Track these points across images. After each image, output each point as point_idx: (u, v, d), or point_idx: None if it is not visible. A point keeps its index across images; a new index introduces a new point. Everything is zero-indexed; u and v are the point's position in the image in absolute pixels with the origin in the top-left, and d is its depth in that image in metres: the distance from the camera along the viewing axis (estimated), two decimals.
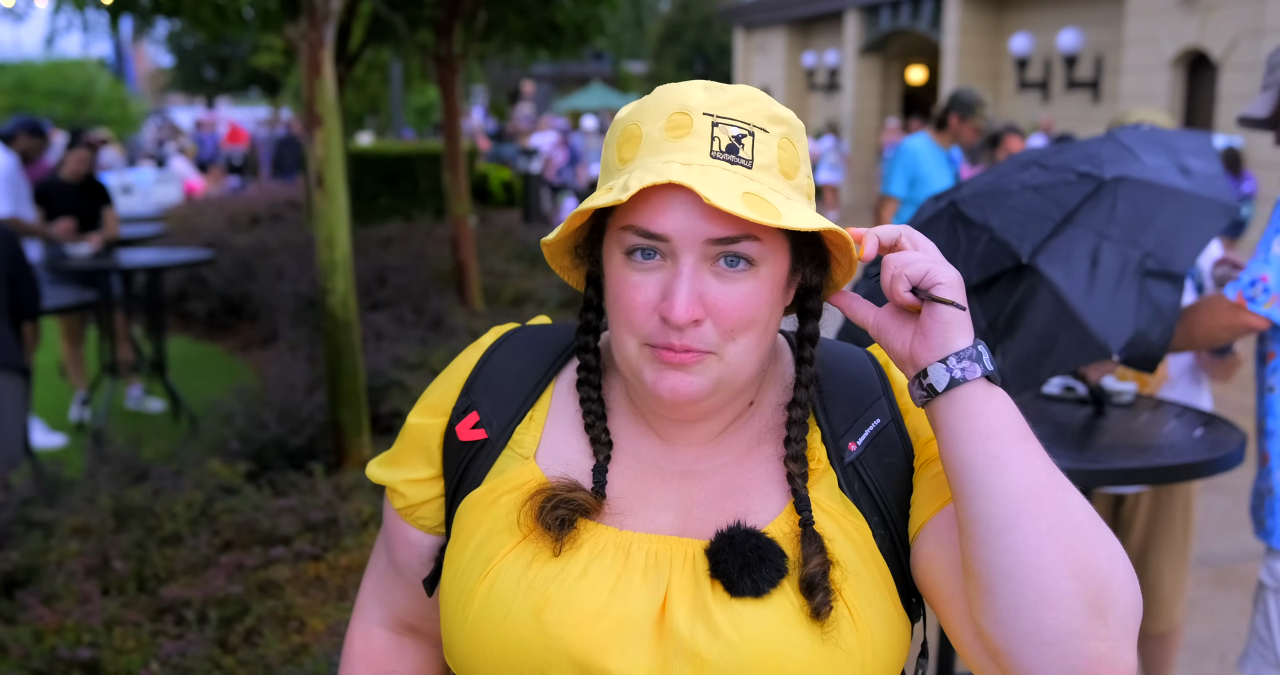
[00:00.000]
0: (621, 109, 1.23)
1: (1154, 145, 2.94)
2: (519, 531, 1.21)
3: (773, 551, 1.15)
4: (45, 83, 27.84)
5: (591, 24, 10.17)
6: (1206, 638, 4.62)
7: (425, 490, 1.34)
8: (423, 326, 7.60)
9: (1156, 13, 16.28)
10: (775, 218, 1.08)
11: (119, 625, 3.15)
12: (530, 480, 1.24)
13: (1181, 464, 2.81)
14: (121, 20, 8.94)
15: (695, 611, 1.14)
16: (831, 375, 1.29)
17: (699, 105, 1.15)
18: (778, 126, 1.17)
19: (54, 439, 7.13)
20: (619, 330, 1.18)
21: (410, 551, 1.38)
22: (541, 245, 1.23)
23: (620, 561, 1.19)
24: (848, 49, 25.86)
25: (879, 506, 1.21)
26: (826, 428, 1.24)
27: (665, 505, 1.23)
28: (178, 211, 14.80)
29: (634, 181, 1.10)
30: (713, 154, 1.12)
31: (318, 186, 4.92)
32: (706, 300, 1.13)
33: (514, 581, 1.18)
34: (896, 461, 1.24)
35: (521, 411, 1.30)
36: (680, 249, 1.13)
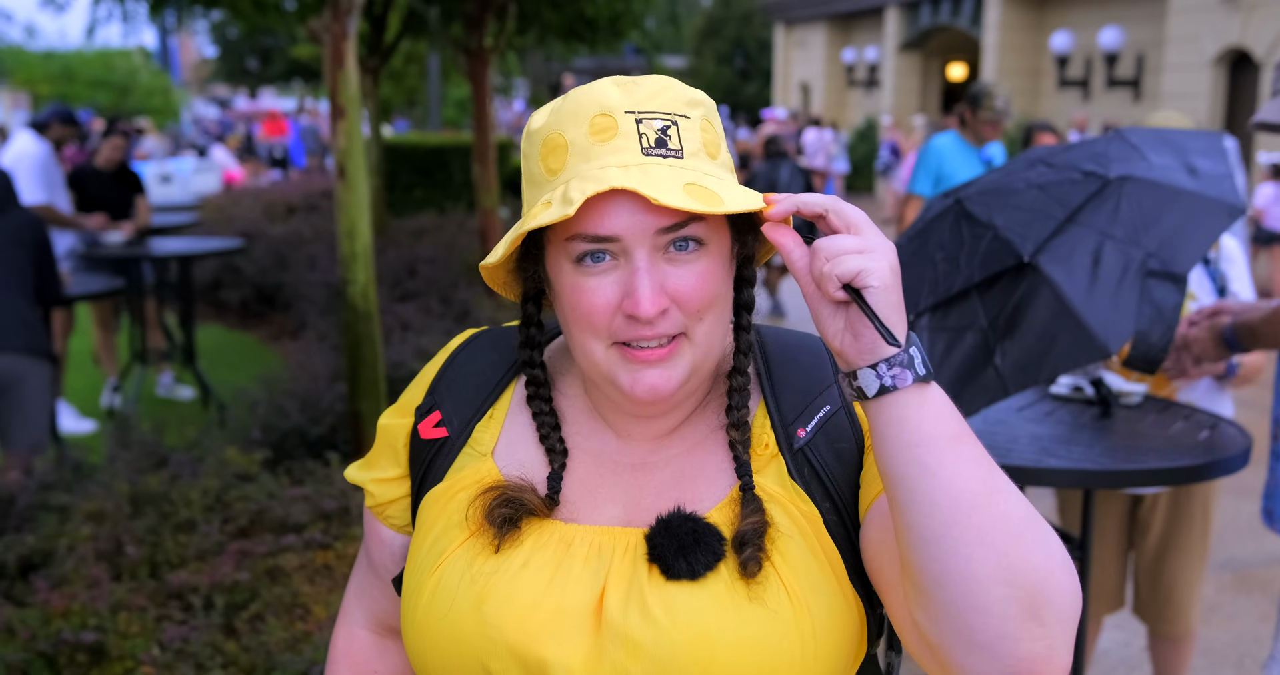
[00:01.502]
0: (533, 118, 1.22)
1: (1162, 145, 2.92)
2: (468, 526, 1.23)
3: (710, 535, 1.16)
4: (89, 72, 28.12)
5: (625, 18, 10.17)
6: (1225, 642, 4.58)
7: (393, 489, 1.37)
8: (449, 318, 7.63)
9: (1198, 11, 16.10)
10: (719, 205, 1.09)
11: (125, 610, 3.19)
12: (486, 477, 1.26)
13: (1185, 466, 2.79)
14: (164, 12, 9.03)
15: (630, 597, 1.15)
16: (784, 363, 1.29)
17: (618, 104, 1.15)
18: (695, 110, 1.19)
19: (84, 425, 7.21)
20: (582, 337, 1.19)
21: (383, 550, 1.41)
22: (480, 270, 1.23)
23: (561, 553, 1.20)
24: (888, 45, 25.73)
25: (830, 492, 1.22)
26: (776, 414, 1.25)
27: (613, 498, 1.25)
28: (214, 201, 14.91)
29: (574, 192, 1.10)
30: (644, 151, 1.13)
31: (339, 178, 4.95)
32: (667, 288, 1.14)
33: (458, 575, 1.21)
34: (848, 447, 1.24)
35: (482, 410, 1.32)
36: (632, 246, 1.13)
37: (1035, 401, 3.33)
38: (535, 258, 1.24)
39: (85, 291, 6.50)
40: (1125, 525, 3.64)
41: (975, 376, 2.64)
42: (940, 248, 2.89)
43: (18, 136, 7.81)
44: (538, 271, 1.25)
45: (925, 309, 2.79)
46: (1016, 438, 2.96)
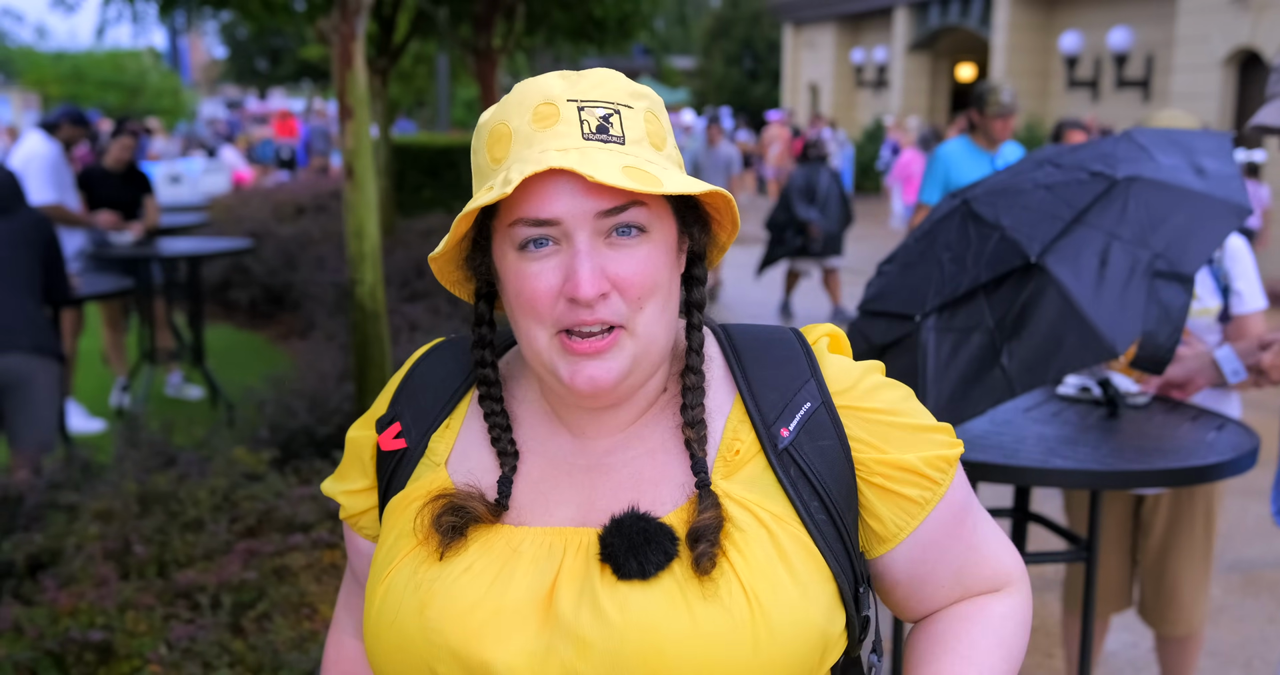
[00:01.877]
0: (483, 114, 1.24)
1: (1170, 145, 2.91)
2: (416, 534, 1.24)
3: (661, 534, 1.15)
4: (99, 73, 28.23)
5: (634, 19, 10.19)
6: (1233, 644, 4.57)
7: (363, 500, 1.38)
8: (457, 318, 7.65)
9: (1208, 11, 16.06)
10: (657, 186, 1.11)
11: (132, 608, 3.20)
12: (438, 486, 1.27)
13: (1193, 467, 2.79)
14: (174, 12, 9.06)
15: (581, 595, 1.15)
16: (758, 360, 1.29)
17: (561, 93, 1.18)
18: (640, 102, 1.20)
19: (93, 424, 7.23)
20: (526, 325, 1.19)
21: (360, 559, 1.43)
22: (429, 262, 1.24)
23: (506, 555, 1.21)
24: (897, 46, 25.71)
25: (817, 490, 1.22)
26: (757, 415, 1.24)
27: (566, 500, 1.25)
28: (223, 201, 14.95)
29: (514, 174, 1.12)
30: (585, 136, 1.15)
31: (347, 178, 4.96)
32: (608, 272, 1.15)
33: (404, 582, 1.22)
34: (831, 444, 1.24)
35: (438, 420, 1.33)
36: (573, 229, 1.15)
37: (1042, 402, 3.33)
38: (484, 250, 1.24)
39: (94, 291, 6.52)
40: (1130, 525, 3.64)
41: (982, 377, 2.64)
42: (947, 248, 2.89)
43: (28, 137, 7.84)
44: (486, 264, 1.25)
45: (932, 309, 2.79)
46: (1023, 438, 2.96)
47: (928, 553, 1.29)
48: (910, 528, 1.27)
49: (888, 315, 2.91)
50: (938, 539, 1.29)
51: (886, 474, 1.25)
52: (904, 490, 1.25)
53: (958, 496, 1.29)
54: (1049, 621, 4.64)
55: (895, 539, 1.27)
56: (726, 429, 1.25)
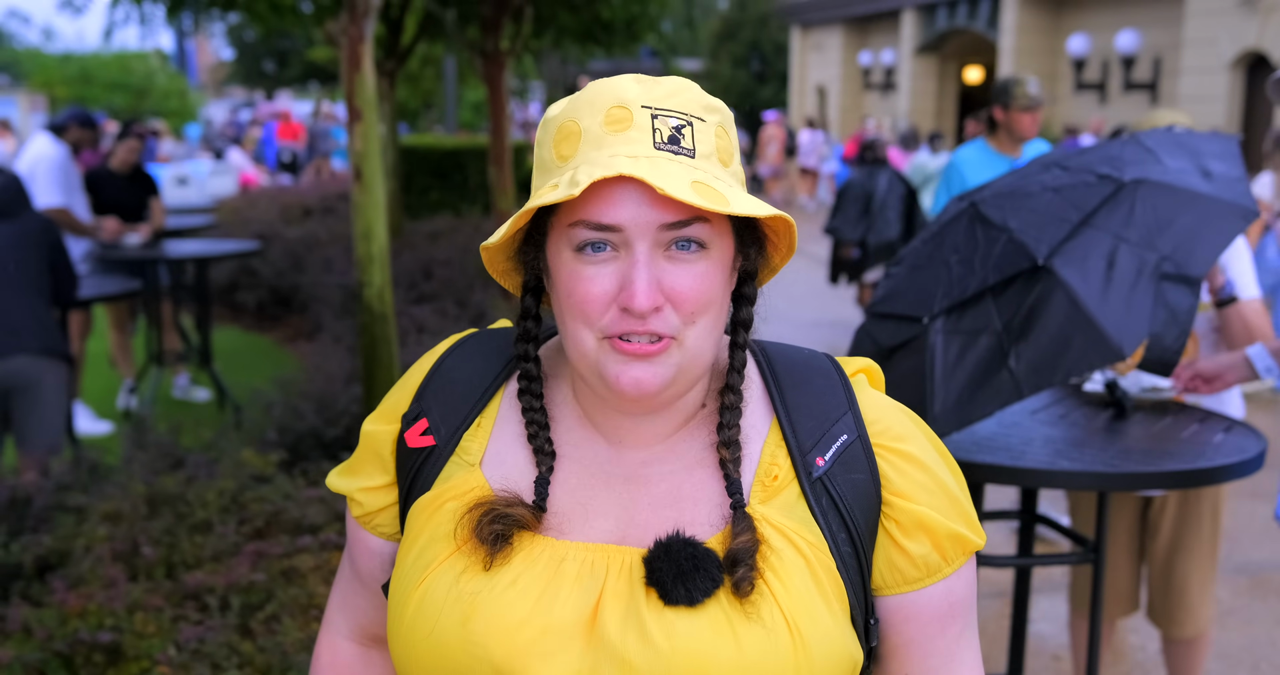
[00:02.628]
0: (551, 107, 1.23)
1: (1177, 148, 2.91)
2: (455, 540, 1.22)
3: (709, 561, 1.15)
4: (106, 74, 28.30)
5: (642, 21, 10.19)
6: (1240, 646, 4.57)
7: (381, 497, 1.35)
8: (465, 320, 7.65)
9: (1216, 14, 16.06)
10: (724, 205, 1.09)
11: (141, 610, 3.21)
12: (474, 488, 1.24)
13: (1201, 469, 2.79)
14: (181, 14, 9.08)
15: (627, 618, 1.14)
16: (796, 385, 1.28)
17: (636, 98, 1.16)
18: (712, 115, 1.19)
19: (100, 426, 7.24)
20: (574, 326, 1.18)
21: (371, 559, 1.39)
22: (481, 251, 1.22)
23: (551, 571, 1.19)
24: (904, 48, 25.71)
25: (846, 523, 1.21)
26: (793, 441, 1.23)
27: (606, 511, 1.23)
28: (230, 203, 14.96)
29: (582, 176, 1.10)
30: (656, 145, 1.13)
31: (355, 180, 4.97)
32: (664, 285, 1.14)
33: (444, 591, 1.19)
34: (863, 478, 1.23)
35: (470, 418, 1.30)
36: (633, 238, 1.13)
37: (1050, 404, 3.33)
38: (537, 244, 1.23)
39: (101, 293, 6.53)
40: (1138, 529, 3.64)
41: (990, 379, 2.64)
42: (955, 250, 2.90)
43: (36, 139, 7.85)
44: (538, 258, 1.24)
45: (940, 311, 2.79)
46: (1030, 440, 2.96)
47: (904, 628, 1.27)
48: (898, 588, 1.25)
49: (895, 317, 2.91)
50: (919, 620, 1.26)
51: (901, 522, 1.23)
52: (910, 546, 1.23)
53: (960, 590, 1.27)
54: (1057, 624, 4.64)
55: (878, 591, 1.26)
56: (764, 453, 1.24)
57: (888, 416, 1.27)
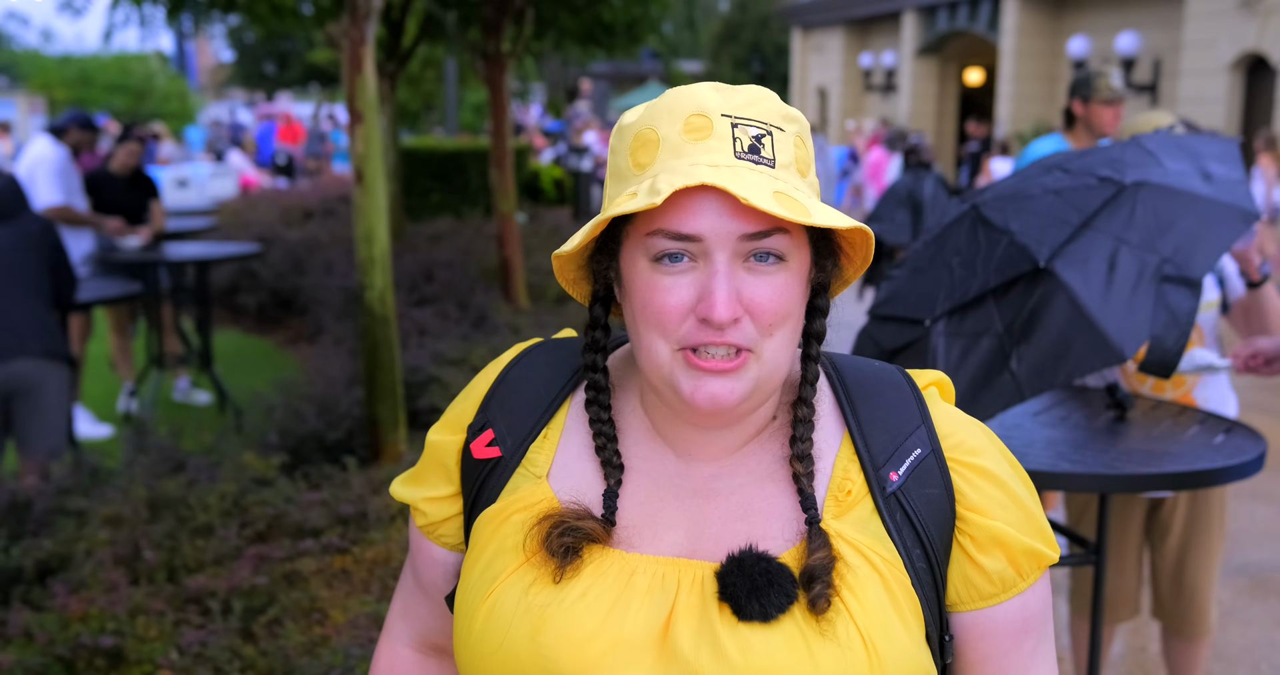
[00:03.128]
0: (626, 114, 1.21)
1: (1178, 150, 2.92)
2: (524, 552, 1.21)
3: (783, 577, 1.13)
4: (106, 76, 28.31)
5: (643, 23, 10.19)
6: (1240, 647, 4.57)
7: (445, 507, 1.34)
8: (466, 323, 7.65)
9: (1215, 16, 16.06)
10: (806, 216, 1.08)
11: (143, 614, 3.21)
12: (542, 500, 1.23)
13: (1202, 470, 2.79)
14: (181, 16, 9.08)
15: (701, 633, 1.13)
16: (867, 398, 1.26)
17: (716, 107, 1.14)
18: (791, 125, 1.17)
19: (101, 429, 7.25)
20: (649, 338, 1.16)
21: (435, 569, 1.38)
22: (553, 258, 1.20)
23: (621, 584, 1.18)
24: (905, 50, 25.71)
25: (921, 538, 1.20)
26: (866, 456, 1.22)
27: (676, 524, 1.22)
28: (231, 205, 14.97)
29: (663, 184, 1.09)
30: (737, 155, 1.12)
31: (357, 182, 4.97)
32: (743, 297, 1.12)
33: (515, 603, 1.18)
34: (938, 493, 1.21)
35: (536, 429, 1.28)
36: (713, 248, 1.12)
37: (1051, 406, 3.33)
38: (611, 253, 1.21)
39: (102, 296, 6.53)
40: (1141, 536, 3.64)
41: (991, 381, 2.65)
42: (956, 253, 2.90)
43: (35, 141, 7.87)
44: (611, 267, 1.22)
45: (941, 314, 2.79)
46: (1032, 442, 2.96)
47: (980, 644, 1.26)
48: (973, 604, 1.24)
49: (898, 319, 2.92)
50: (994, 636, 1.25)
51: (976, 538, 1.22)
52: (985, 562, 1.22)
53: (1035, 605, 1.26)
54: (1056, 626, 4.64)
55: (953, 607, 1.24)
56: (836, 468, 1.22)
57: (961, 430, 1.26)
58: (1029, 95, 21.70)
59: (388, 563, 3.65)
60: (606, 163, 1.23)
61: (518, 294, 8.62)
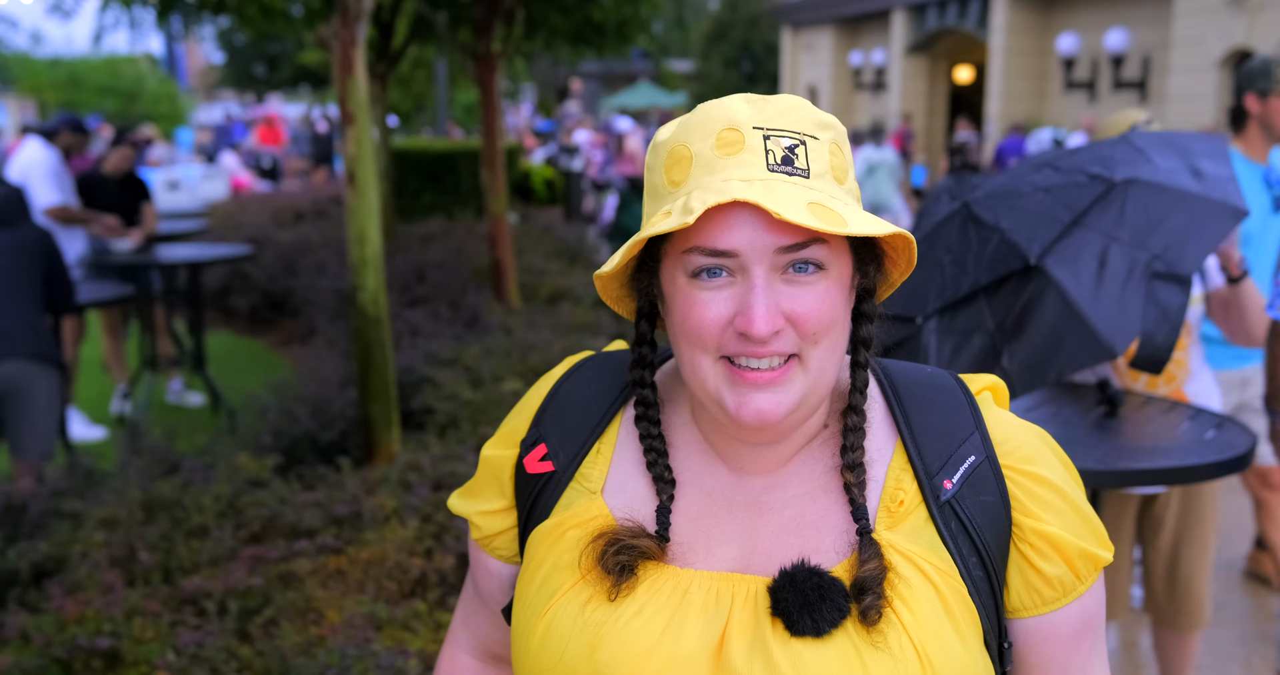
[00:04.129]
0: (660, 131, 1.21)
1: (1167, 147, 2.93)
2: (579, 569, 1.21)
3: (835, 591, 1.13)
4: (96, 79, 28.22)
5: (633, 23, 10.19)
6: (1231, 641, 4.59)
7: (499, 521, 1.34)
8: (459, 323, 7.66)
9: (1204, 13, 16.10)
10: (842, 225, 1.07)
11: (139, 615, 3.21)
12: (596, 516, 1.24)
13: (1193, 465, 2.80)
14: (171, 18, 9.08)
15: (754, 649, 1.13)
16: (920, 405, 1.25)
17: (747, 120, 1.14)
18: (826, 132, 1.16)
19: (94, 432, 7.24)
20: (691, 352, 1.16)
21: (491, 581, 1.39)
22: (595, 279, 1.21)
23: (676, 600, 1.18)
24: (895, 48, 25.74)
25: (977, 547, 1.19)
26: (919, 464, 1.21)
27: (729, 539, 1.22)
28: (222, 207, 14.95)
29: (695, 202, 1.09)
30: (770, 167, 1.12)
31: (349, 183, 4.97)
32: (784, 308, 1.12)
33: (571, 620, 1.19)
34: (993, 501, 1.20)
35: (588, 444, 1.29)
36: (750, 262, 1.11)
37: (1042, 403, 3.35)
38: (651, 271, 1.21)
39: (94, 299, 6.53)
40: (1133, 535, 3.66)
41: None
42: (947, 250, 2.91)
43: (27, 144, 7.86)
44: (652, 285, 1.22)
45: (933, 312, 2.80)
46: None
47: (1042, 649, 1.25)
48: (1035, 610, 1.23)
49: (889, 317, 2.92)
50: (1056, 640, 1.25)
51: (1034, 544, 1.21)
52: (1045, 567, 1.21)
53: (1092, 606, 1.25)
54: None
55: (1014, 614, 1.23)
56: (889, 477, 1.21)
57: (1016, 436, 1.24)
58: (1019, 93, 21.74)
59: (382, 563, 3.66)
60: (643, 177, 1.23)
61: (510, 294, 8.62)
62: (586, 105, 39.47)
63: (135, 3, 8.56)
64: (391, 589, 3.56)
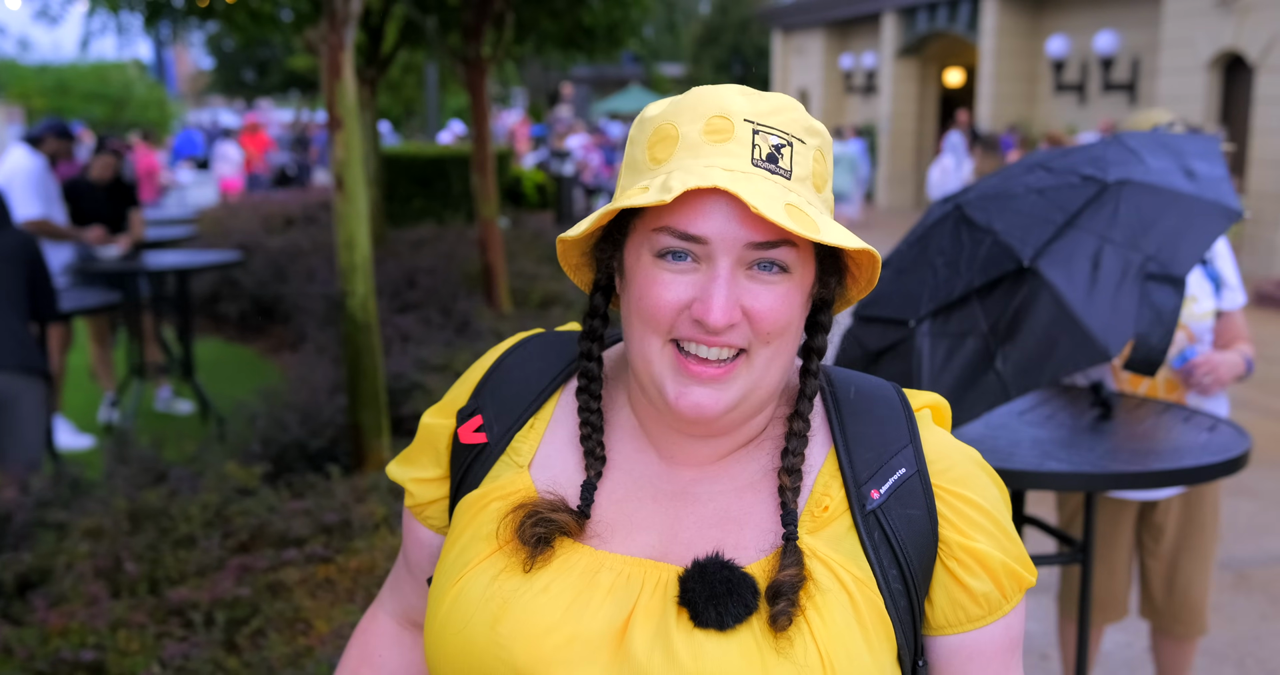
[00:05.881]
0: (650, 107, 1.21)
1: (1160, 148, 2.92)
2: (497, 540, 1.21)
3: (744, 586, 1.12)
4: (84, 85, 28.13)
5: (623, 27, 10.17)
6: (1225, 642, 4.57)
7: (433, 490, 1.35)
8: (449, 329, 7.63)
9: (1193, 14, 16.13)
10: (815, 232, 1.07)
11: (124, 627, 3.17)
12: (520, 489, 1.24)
13: (1188, 467, 2.78)
14: (159, 24, 9.05)
15: (657, 636, 1.13)
16: (858, 415, 1.25)
17: (740, 111, 1.14)
18: (814, 138, 1.16)
19: (82, 440, 7.19)
20: (642, 330, 1.16)
21: (420, 550, 1.39)
22: (558, 240, 1.20)
23: (586, 580, 1.17)
24: (885, 51, 25.76)
25: (899, 559, 1.18)
26: (849, 472, 1.21)
27: (650, 526, 1.21)
28: (212, 213, 14.91)
29: (675, 182, 1.08)
30: (754, 162, 1.11)
31: (338, 189, 4.94)
32: (743, 303, 1.12)
33: (480, 591, 1.19)
34: (919, 515, 1.20)
35: (523, 418, 1.29)
36: (717, 252, 1.11)
37: (1036, 405, 3.33)
38: (616, 243, 1.21)
39: (81, 306, 6.49)
40: (1133, 537, 3.63)
41: (977, 381, 2.64)
42: (940, 253, 2.89)
43: (12, 151, 7.81)
44: (615, 257, 1.22)
45: (926, 314, 2.78)
46: (1018, 442, 2.95)
47: (967, 666, 1.24)
48: (960, 627, 1.22)
49: (882, 321, 2.90)
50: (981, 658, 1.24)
51: (961, 561, 1.20)
52: (972, 583, 1.21)
53: (1017, 626, 1.25)
54: (1045, 622, 4.64)
55: (939, 631, 1.23)
56: (818, 483, 1.21)
57: (949, 456, 1.24)
58: (1009, 95, 21.77)
59: (372, 571, 3.62)
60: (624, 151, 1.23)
61: (501, 299, 8.59)
62: (577, 109, 39.48)
63: (123, 8, 8.53)
64: None
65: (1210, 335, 3.47)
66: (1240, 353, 3.41)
